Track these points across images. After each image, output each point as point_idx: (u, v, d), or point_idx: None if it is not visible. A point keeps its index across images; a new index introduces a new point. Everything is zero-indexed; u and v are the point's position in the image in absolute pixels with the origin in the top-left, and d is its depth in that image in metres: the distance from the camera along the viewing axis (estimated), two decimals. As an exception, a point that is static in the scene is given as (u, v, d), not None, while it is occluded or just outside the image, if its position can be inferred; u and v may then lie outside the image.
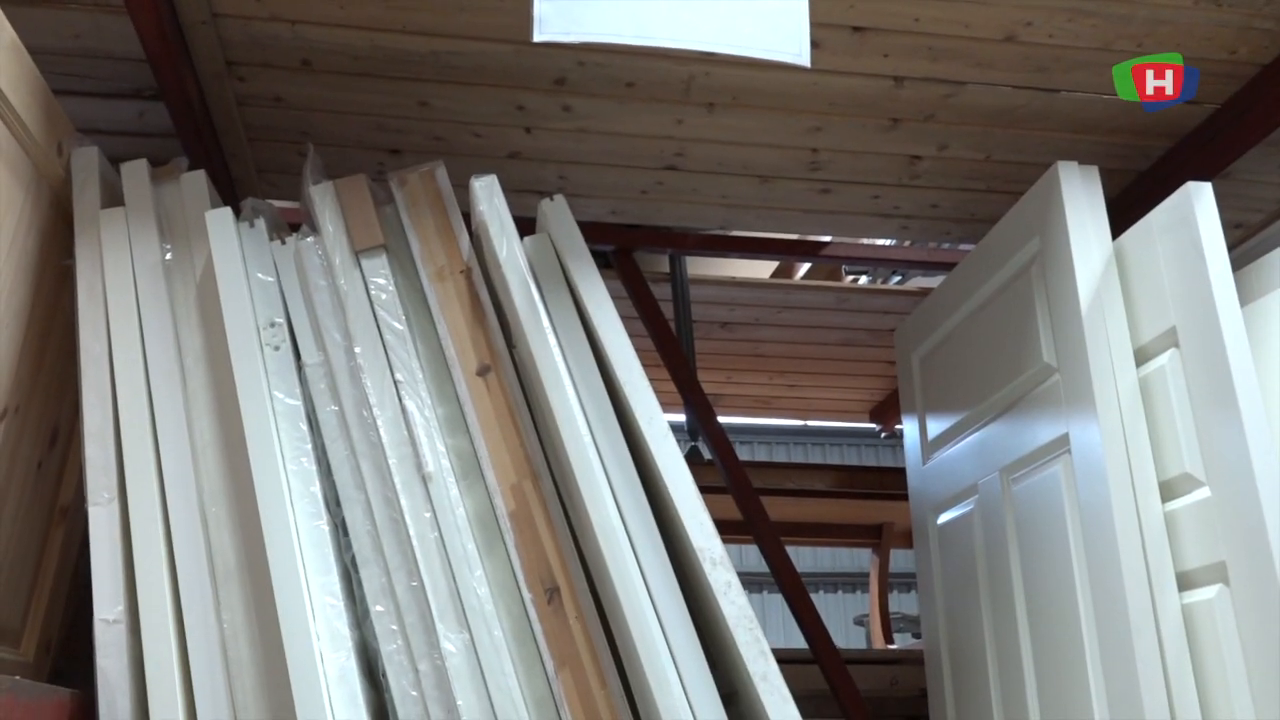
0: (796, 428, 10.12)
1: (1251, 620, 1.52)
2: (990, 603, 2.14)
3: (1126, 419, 1.73)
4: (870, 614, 4.55)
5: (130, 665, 1.48)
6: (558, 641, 1.53)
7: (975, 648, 2.19)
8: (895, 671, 3.17)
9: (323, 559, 1.54)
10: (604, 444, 1.58)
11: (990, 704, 2.10)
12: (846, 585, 10.78)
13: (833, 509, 3.89)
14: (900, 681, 3.15)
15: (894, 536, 4.11)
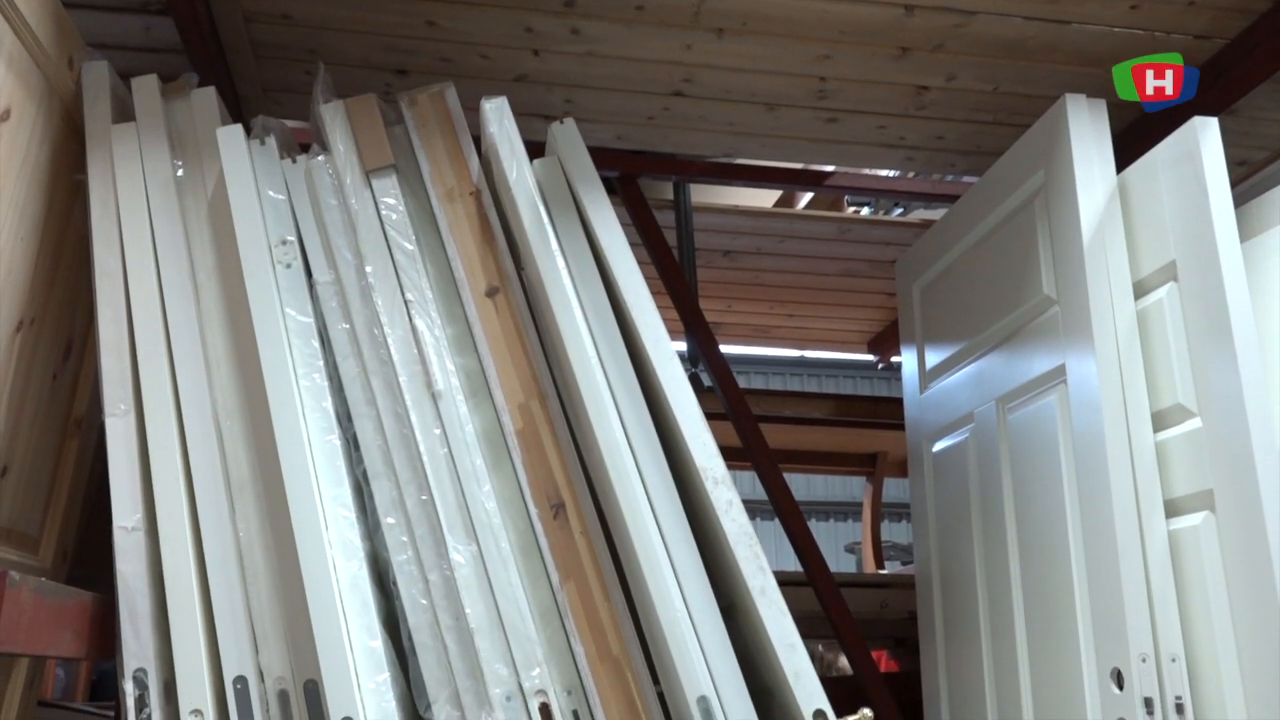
0: (793, 359, 10.18)
1: (1235, 545, 1.57)
2: (982, 529, 2.20)
3: (1123, 351, 1.76)
4: (862, 541, 4.63)
5: (149, 570, 1.52)
6: (563, 555, 1.58)
7: (965, 573, 2.25)
8: (885, 595, 3.25)
9: (335, 472, 1.58)
10: (610, 365, 1.62)
11: (978, 627, 2.17)
12: (839, 514, 10.95)
13: (828, 437, 3.94)
14: (890, 604, 3.24)
15: (887, 465, 4.17)
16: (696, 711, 1.45)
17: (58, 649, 1.40)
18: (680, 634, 1.48)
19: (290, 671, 1.49)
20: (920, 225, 3.32)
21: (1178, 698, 1.61)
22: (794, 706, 1.48)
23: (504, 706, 1.48)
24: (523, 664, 1.50)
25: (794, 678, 1.48)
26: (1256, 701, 1.52)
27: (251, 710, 1.47)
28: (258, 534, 1.55)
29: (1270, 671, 1.49)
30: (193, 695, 1.46)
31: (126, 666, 1.47)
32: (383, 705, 1.48)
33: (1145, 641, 1.63)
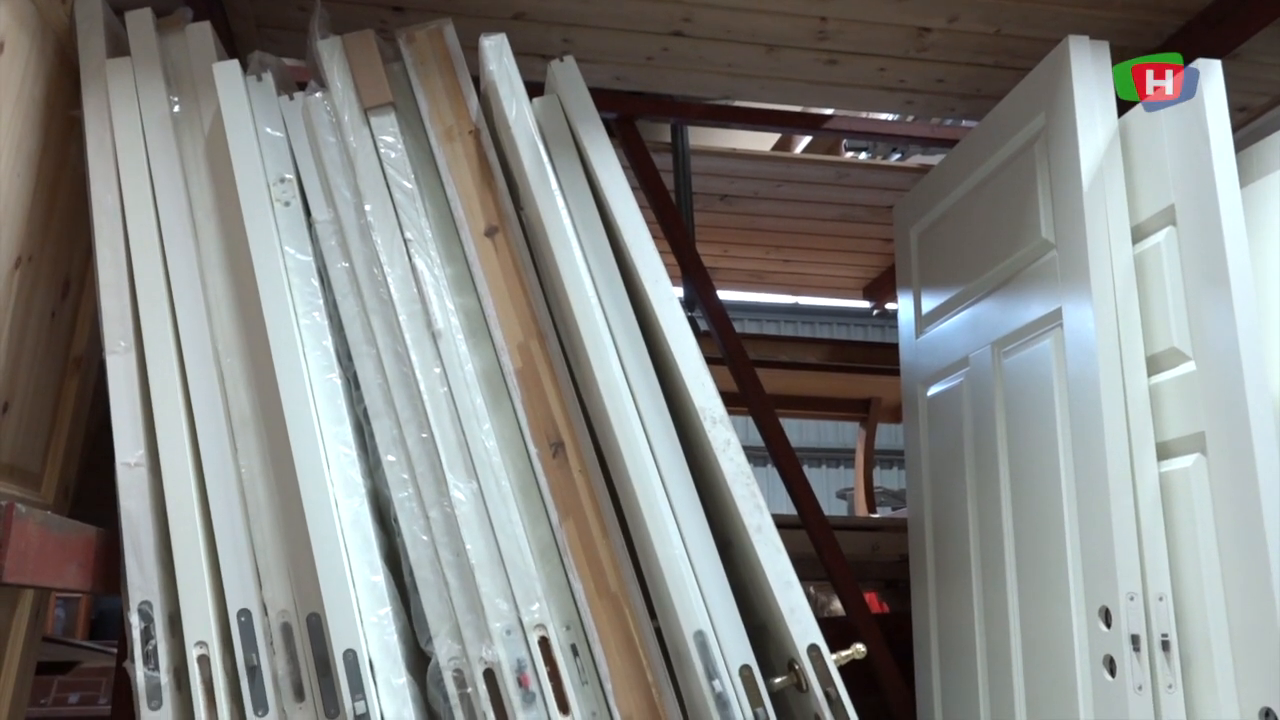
0: (788, 305, 10.18)
1: (1225, 487, 1.59)
2: (975, 472, 2.22)
3: (1120, 295, 1.77)
4: (855, 486, 4.68)
5: (152, 506, 1.54)
6: (562, 493, 1.60)
7: (957, 515, 2.28)
8: (877, 538, 3.30)
9: (335, 410, 1.59)
10: (609, 305, 1.62)
11: (969, 569, 2.20)
12: (831, 460, 11.04)
13: (823, 382, 3.96)
14: (881, 547, 3.28)
15: (881, 411, 4.20)
16: (693, 646, 1.48)
17: (63, 581, 1.42)
18: (678, 571, 1.50)
19: (293, 605, 1.52)
20: (918, 170, 3.31)
21: (1164, 635, 1.64)
22: (789, 641, 1.51)
23: (504, 640, 1.51)
24: (522, 599, 1.52)
25: (789, 613, 1.50)
26: (1241, 640, 1.56)
27: (256, 643, 1.50)
28: (260, 471, 1.57)
29: (1255, 610, 1.52)
30: (197, 628, 1.49)
31: (132, 599, 1.50)
32: (384, 638, 1.50)
33: (1133, 580, 1.66)
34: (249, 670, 1.48)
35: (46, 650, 2.82)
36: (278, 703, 1.48)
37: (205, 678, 1.48)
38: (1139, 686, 1.63)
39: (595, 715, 1.53)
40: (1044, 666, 1.90)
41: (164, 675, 1.47)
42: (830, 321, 10.93)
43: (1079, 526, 1.79)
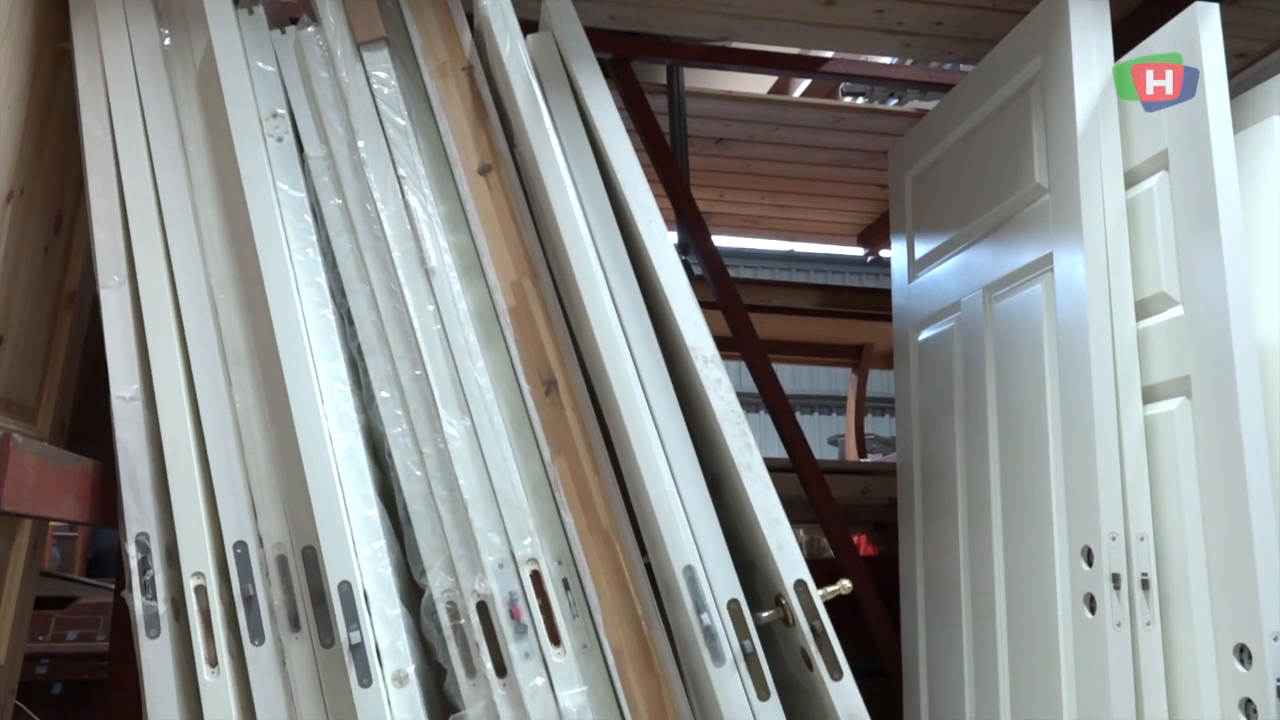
0: (783, 253, 10.16)
1: (1208, 431, 1.61)
2: (964, 416, 2.24)
3: (1111, 239, 1.77)
4: (846, 433, 4.71)
5: (148, 439, 1.55)
6: (554, 430, 1.62)
7: (945, 458, 2.30)
8: (866, 481, 3.34)
9: (329, 346, 1.60)
10: (602, 244, 1.63)
11: (956, 511, 2.23)
12: (823, 407, 11.09)
13: (816, 328, 3.97)
14: (871, 491, 3.32)
15: (873, 358, 4.22)
16: (682, 581, 1.50)
17: (61, 512, 1.44)
18: (668, 507, 1.52)
19: (288, 538, 1.54)
20: (915, 115, 3.29)
21: (1144, 574, 1.67)
22: (776, 577, 1.53)
23: (496, 574, 1.53)
24: (515, 534, 1.55)
25: (777, 549, 1.53)
26: (1218, 579, 1.59)
27: (252, 574, 1.52)
28: (254, 406, 1.58)
29: (1233, 550, 1.55)
30: (194, 559, 1.51)
31: (129, 531, 1.52)
32: (379, 571, 1.53)
33: (1116, 521, 1.69)
34: (245, 601, 1.51)
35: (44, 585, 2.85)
36: (274, 632, 1.51)
37: (202, 607, 1.50)
38: (1118, 624, 1.66)
39: (586, 647, 1.56)
40: (1026, 605, 1.94)
41: (162, 605, 1.49)
42: (825, 269, 10.92)
43: (1064, 468, 1.82)
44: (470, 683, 1.52)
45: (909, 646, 2.44)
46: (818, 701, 1.55)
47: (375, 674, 1.46)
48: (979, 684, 2.10)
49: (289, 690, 1.50)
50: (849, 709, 1.49)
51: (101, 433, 1.62)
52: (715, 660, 1.48)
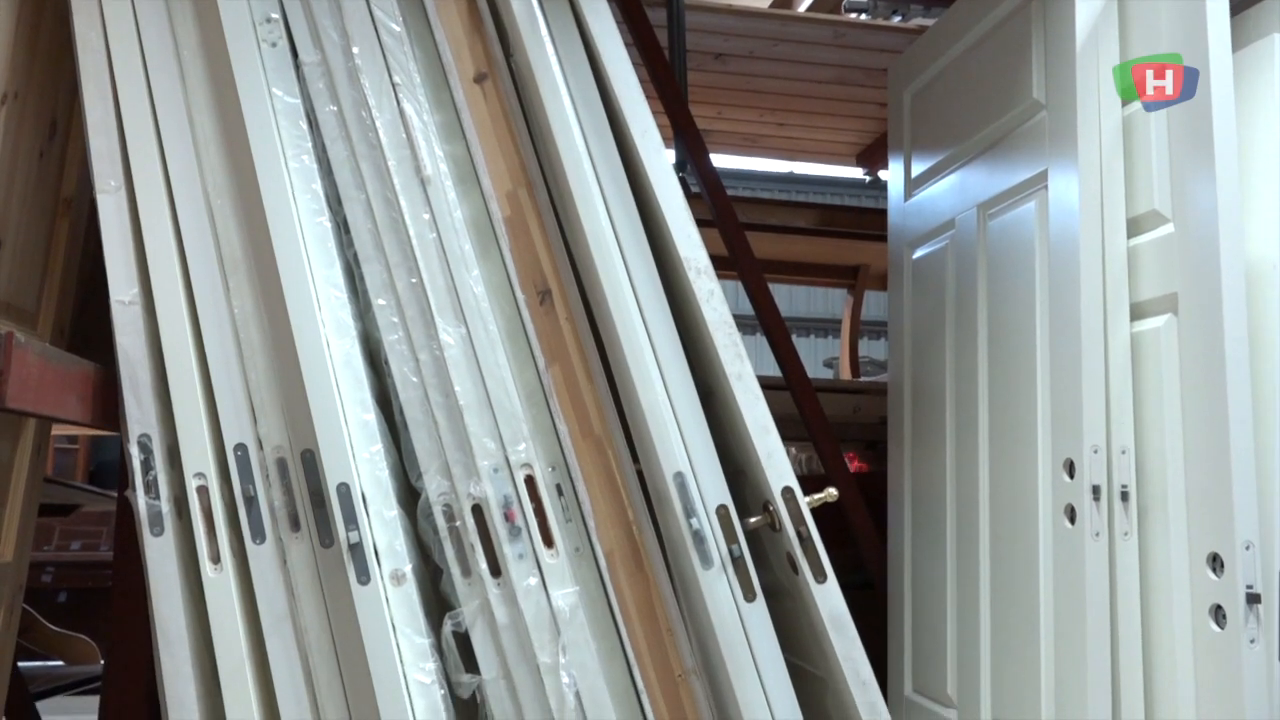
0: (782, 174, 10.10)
1: (1193, 347, 1.64)
2: (954, 334, 2.26)
3: (1106, 156, 1.78)
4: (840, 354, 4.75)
5: (148, 343, 1.57)
6: (548, 339, 1.64)
7: (935, 376, 2.33)
8: (858, 400, 3.38)
9: (326, 253, 1.61)
10: (598, 155, 1.63)
11: (944, 427, 2.27)
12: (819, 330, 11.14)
13: (813, 248, 3.98)
14: (863, 409, 3.36)
15: (869, 278, 4.23)
16: (672, 487, 1.54)
17: (65, 412, 1.46)
18: (659, 415, 1.56)
19: (288, 441, 1.57)
20: (917, 32, 3.25)
21: (1123, 486, 1.71)
22: (764, 484, 1.57)
23: (491, 478, 1.57)
24: (509, 439, 1.58)
25: (766, 457, 1.56)
26: (1195, 490, 1.63)
27: (252, 475, 1.55)
28: (252, 311, 1.60)
29: (1211, 463, 1.59)
30: (195, 460, 1.54)
31: (131, 432, 1.55)
32: (376, 474, 1.56)
33: (1098, 434, 1.72)
34: (246, 501, 1.55)
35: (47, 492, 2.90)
36: (274, 532, 1.55)
37: (205, 507, 1.54)
38: (1096, 534, 1.71)
39: (578, 550, 1.60)
40: (1008, 517, 1.99)
41: (165, 504, 1.53)
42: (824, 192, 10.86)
43: (1050, 384, 1.85)
44: (465, 582, 1.57)
45: (895, 559, 2.50)
46: (802, 604, 1.60)
47: (373, 572, 1.50)
48: (960, 594, 2.16)
49: (290, 587, 1.55)
50: (831, 610, 1.54)
51: (102, 340, 1.64)
52: (703, 563, 1.52)
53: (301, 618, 1.54)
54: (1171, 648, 1.65)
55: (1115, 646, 1.70)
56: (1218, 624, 1.56)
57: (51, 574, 5.42)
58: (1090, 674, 1.69)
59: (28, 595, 1.90)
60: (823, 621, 1.54)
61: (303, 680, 1.53)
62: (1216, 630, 1.56)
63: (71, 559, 5.46)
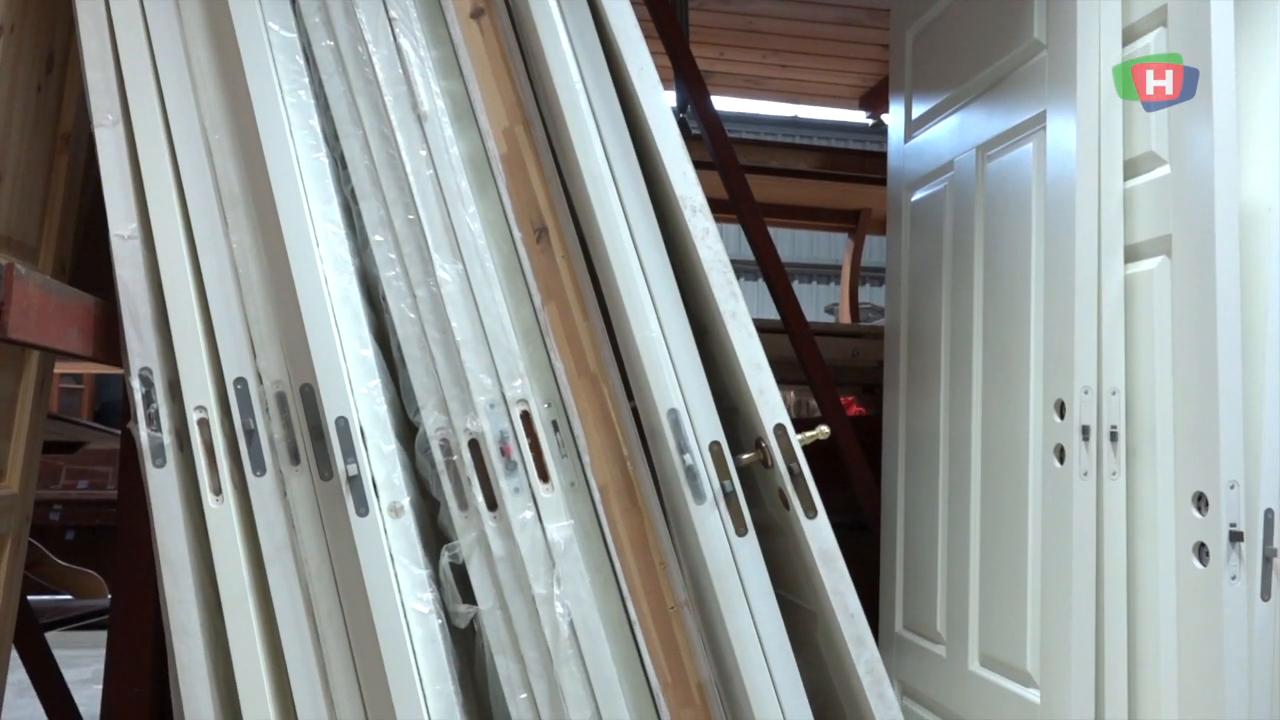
0: (785, 118, 10.00)
1: (1185, 288, 1.65)
2: (951, 277, 2.27)
3: (1104, 97, 1.77)
4: (840, 299, 4.75)
5: (148, 277, 1.58)
6: (545, 277, 1.65)
7: (931, 319, 2.34)
8: (857, 344, 3.39)
9: (323, 189, 1.61)
10: (595, 93, 1.62)
11: (939, 372, 2.28)
12: (821, 276, 11.12)
13: (814, 192, 3.97)
14: (861, 353, 3.38)
15: (870, 223, 4.22)
16: (666, 423, 1.56)
17: (66, 344, 1.48)
18: (654, 352, 1.57)
19: (287, 376, 1.59)
20: (922, -28, 3.21)
21: (1113, 427, 1.73)
22: (757, 421, 1.59)
23: (487, 413, 1.59)
24: (505, 375, 1.60)
25: (758, 394, 1.58)
26: (1183, 431, 1.65)
27: (252, 409, 1.58)
28: (250, 246, 1.61)
29: (1198, 403, 1.60)
30: (196, 393, 1.57)
31: (132, 366, 1.57)
32: (374, 409, 1.59)
33: (1089, 375, 1.74)
34: (247, 434, 1.57)
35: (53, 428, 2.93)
36: (274, 465, 1.58)
37: (205, 440, 1.57)
38: (1084, 473, 1.73)
39: (574, 485, 1.63)
40: (999, 458, 2.01)
41: (166, 436, 1.56)
42: (828, 137, 10.78)
43: (1043, 325, 1.86)
44: (462, 515, 1.60)
45: (888, 500, 2.53)
46: (793, 540, 1.63)
47: (372, 505, 1.53)
48: (951, 534, 2.20)
49: (290, 519, 1.58)
50: (821, 545, 1.57)
51: (102, 277, 1.65)
52: (696, 498, 1.55)
53: (302, 548, 1.57)
54: (1155, 585, 1.68)
55: (1100, 583, 1.73)
56: (1200, 561, 1.59)
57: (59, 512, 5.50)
58: (1075, 610, 1.72)
59: (36, 533, 1.93)
60: (812, 556, 1.57)
61: (303, 609, 1.57)
62: (1199, 567, 1.59)
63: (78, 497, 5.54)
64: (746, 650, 1.53)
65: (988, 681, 2.00)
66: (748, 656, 1.53)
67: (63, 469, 5.85)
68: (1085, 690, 1.71)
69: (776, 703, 1.53)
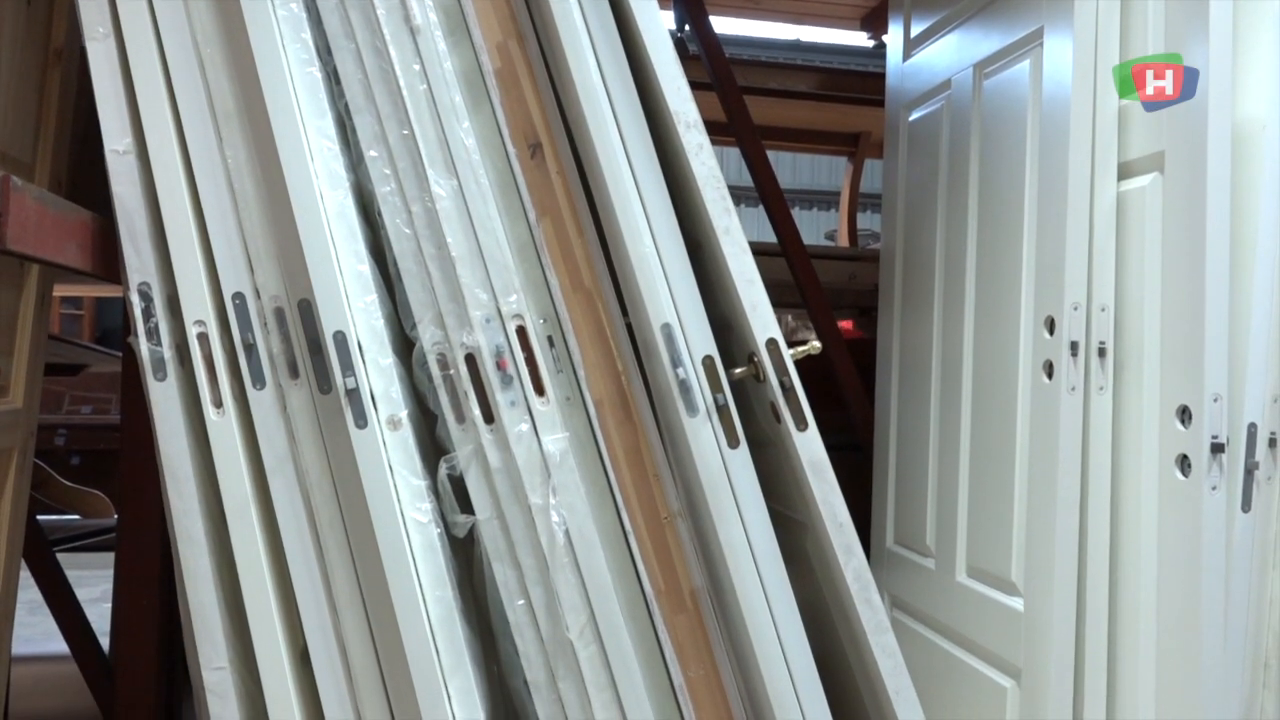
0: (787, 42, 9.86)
1: (1176, 204, 1.65)
2: (946, 198, 2.27)
3: (1102, 11, 1.76)
4: (839, 225, 4.75)
5: (144, 193, 1.59)
6: (539, 193, 1.66)
7: (927, 241, 2.35)
8: (854, 268, 3.40)
9: (317, 104, 1.61)
10: (588, 5, 1.61)
11: (933, 291, 2.30)
12: (821, 203, 11.06)
13: (813, 114, 3.94)
14: (858, 276, 3.39)
15: (869, 146, 4.20)
16: (660, 338, 1.58)
17: (65, 258, 1.50)
18: (648, 267, 1.59)
19: (284, 291, 1.60)
20: (924, -114, 3.15)
21: (1101, 342, 1.75)
22: (749, 336, 1.61)
23: (483, 328, 1.61)
24: (501, 290, 1.61)
25: (750, 309, 1.60)
26: (1170, 346, 1.67)
27: (251, 324, 1.60)
28: (245, 162, 1.61)
29: (1186, 319, 1.62)
30: (195, 308, 1.58)
31: (131, 281, 1.58)
32: (371, 323, 1.60)
33: (1080, 292, 1.75)
34: (246, 348, 1.59)
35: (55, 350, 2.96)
36: (274, 378, 1.60)
37: (205, 354, 1.59)
38: (1072, 388, 1.76)
39: (569, 399, 1.65)
40: (990, 375, 2.04)
41: (167, 350, 1.58)
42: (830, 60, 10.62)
43: (1036, 243, 1.87)
44: (460, 428, 1.62)
45: (881, 420, 2.56)
46: (784, 452, 1.66)
47: (370, 417, 1.56)
48: (942, 451, 2.23)
49: (290, 432, 1.60)
50: (811, 456, 1.60)
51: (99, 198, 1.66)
52: (689, 411, 1.58)
53: (302, 460, 1.60)
54: (1138, 496, 1.72)
55: (1084, 496, 1.77)
56: (1182, 473, 1.63)
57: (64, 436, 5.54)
58: (1059, 521, 1.76)
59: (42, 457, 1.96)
60: (803, 467, 1.60)
61: (305, 519, 1.60)
62: (1180, 479, 1.63)
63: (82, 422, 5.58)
64: (738, 558, 1.57)
65: (974, 592, 2.05)
66: (739, 564, 1.57)
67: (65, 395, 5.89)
68: (1067, 596, 1.76)
69: (767, 608, 1.57)
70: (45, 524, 3.28)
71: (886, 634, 1.62)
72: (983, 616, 2.01)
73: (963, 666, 2.08)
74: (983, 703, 1.99)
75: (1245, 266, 1.66)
